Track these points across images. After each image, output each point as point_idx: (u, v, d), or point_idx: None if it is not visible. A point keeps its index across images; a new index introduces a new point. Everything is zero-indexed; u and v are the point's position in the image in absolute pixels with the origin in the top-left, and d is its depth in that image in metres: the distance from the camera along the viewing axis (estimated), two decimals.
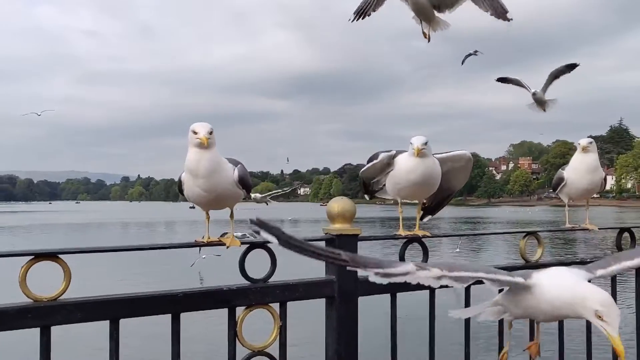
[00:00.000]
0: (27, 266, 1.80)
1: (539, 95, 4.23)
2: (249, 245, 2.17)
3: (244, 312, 2.13)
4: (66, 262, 1.88)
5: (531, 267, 2.77)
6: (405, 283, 2.43)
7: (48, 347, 1.82)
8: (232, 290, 2.09)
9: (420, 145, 2.48)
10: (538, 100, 4.25)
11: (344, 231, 2.28)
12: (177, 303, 1.99)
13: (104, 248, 2.06)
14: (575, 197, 3.13)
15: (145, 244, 2.14)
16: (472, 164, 2.79)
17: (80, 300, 1.85)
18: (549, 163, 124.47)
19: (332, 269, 2.28)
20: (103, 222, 62.04)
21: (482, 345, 4.41)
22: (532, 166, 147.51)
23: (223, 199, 2.23)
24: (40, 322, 1.79)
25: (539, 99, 4.24)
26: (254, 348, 2.14)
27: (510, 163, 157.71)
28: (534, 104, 4.29)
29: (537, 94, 4.22)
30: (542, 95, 4.23)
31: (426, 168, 2.53)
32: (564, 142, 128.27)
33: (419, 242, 2.55)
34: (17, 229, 49.99)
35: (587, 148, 2.99)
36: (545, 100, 4.25)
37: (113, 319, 1.90)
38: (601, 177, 3.05)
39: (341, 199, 2.38)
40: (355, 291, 2.30)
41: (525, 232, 2.83)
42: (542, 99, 4.24)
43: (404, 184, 2.58)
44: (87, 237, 41.71)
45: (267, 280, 2.17)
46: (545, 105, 4.28)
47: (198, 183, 2.14)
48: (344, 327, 2.27)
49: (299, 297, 2.22)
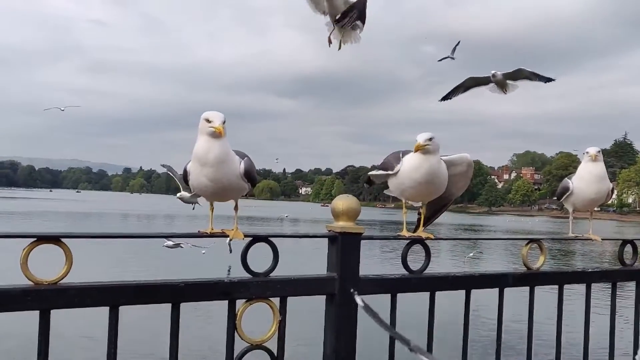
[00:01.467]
0: (29, 248, 1.79)
1: (498, 77, 4.17)
2: (251, 239, 2.16)
3: (244, 305, 2.13)
4: (68, 246, 1.88)
5: (532, 274, 2.77)
6: (406, 284, 2.44)
7: (47, 331, 1.81)
8: (233, 282, 2.08)
9: (423, 140, 2.40)
10: (498, 82, 4.18)
11: (347, 229, 2.27)
12: (178, 292, 1.98)
13: (106, 234, 2.06)
14: (581, 206, 3.09)
15: (148, 232, 2.14)
16: (472, 169, 2.72)
17: (81, 285, 1.84)
18: (551, 174, 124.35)
19: (334, 266, 2.28)
20: (104, 211, 62.10)
21: (480, 347, 4.41)
22: (535, 176, 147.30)
23: (228, 191, 2.22)
24: (40, 305, 1.78)
25: (499, 81, 4.17)
26: (253, 342, 2.13)
27: (512, 172, 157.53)
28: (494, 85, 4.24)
29: (497, 75, 4.16)
30: (502, 78, 4.16)
31: (431, 166, 2.45)
32: (567, 154, 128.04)
33: (422, 243, 2.54)
34: (18, 215, 50.04)
35: (595, 157, 2.96)
36: (505, 82, 4.18)
37: (113, 305, 1.89)
38: (608, 187, 3.01)
39: (347, 196, 2.36)
40: (355, 290, 2.29)
41: (529, 239, 2.81)
42: (502, 81, 4.17)
43: (408, 183, 2.50)
44: (88, 226, 41.75)
45: (268, 274, 2.16)
46: (506, 88, 4.21)
47: (205, 172, 2.13)
48: (343, 325, 2.26)
49: (300, 292, 2.21)
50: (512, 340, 2.27)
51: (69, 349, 10.17)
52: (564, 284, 2.87)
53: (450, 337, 2.87)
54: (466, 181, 2.74)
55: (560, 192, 3.13)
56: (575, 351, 3.06)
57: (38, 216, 48.76)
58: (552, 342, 2.86)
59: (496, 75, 4.18)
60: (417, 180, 2.48)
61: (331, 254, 2.30)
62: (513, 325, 3.50)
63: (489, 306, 2.83)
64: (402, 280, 2.44)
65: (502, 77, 4.16)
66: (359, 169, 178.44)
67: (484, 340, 7.95)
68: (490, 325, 2.24)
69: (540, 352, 2.33)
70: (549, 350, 2.93)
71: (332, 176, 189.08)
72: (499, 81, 4.19)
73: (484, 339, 8.43)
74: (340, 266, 2.25)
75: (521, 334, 2.74)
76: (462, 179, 2.72)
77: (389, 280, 2.42)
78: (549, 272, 2.89)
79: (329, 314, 2.30)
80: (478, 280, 2.65)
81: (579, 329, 2.96)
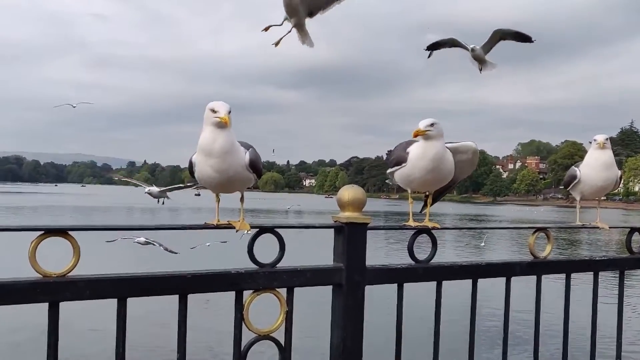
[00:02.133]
0: (36, 241, 1.80)
1: (478, 52, 4.00)
2: (258, 230, 2.16)
3: (251, 296, 2.13)
4: (75, 239, 1.88)
5: (540, 263, 2.76)
6: (412, 274, 2.44)
7: (56, 323, 1.82)
8: (240, 273, 2.08)
9: (423, 126, 2.37)
10: (477, 57, 4.04)
11: (353, 219, 2.27)
12: (185, 284, 1.99)
13: (113, 226, 2.06)
14: (589, 194, 3.06)
15: (155, 224, 2.14)
16: (477, 156, 2.70)
17: (88, 277, 1.85)
18: (556, 163, 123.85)
19: (341, 257, 2.28)
20: (109, 205, 62.38)
21: (487, 337, 4.42)
22: (540, 166, 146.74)
23: (233, 182, 2.22)
24: (49, 297, 1.79)
25: (477, 56, 4.02)
26: (260, 332, 2.14)
27: (517, 162, 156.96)
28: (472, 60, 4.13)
29: (476, 50, 4.00)
30: (482, 53, 4.01)
31: (436, 153, 2.43)
32: (573, 142, 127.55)
33: (428, 233, 2.53)
34: (24, 210, 50.32)
35: (603, 144, 2.93)
36: (484, 58, 4.04)
37: (121, 297, 1.90)
38: (616, 175, 2.98)
39: (352, 187, 2.36)
40: (362, 280, 2.29)
41: (536, 227, 2.80)
42: (481, 57, 4.03)
43: (416, 172, 2.49)
44: (94, 219, 41.95)
45: (275, 265, 2.16)
46: (484, 65, 4.07)
47: (210, 163, 2.13)
48: (350, 315, 2.27)
49: (307, 283, 2.21)
50: (519, 330, 2.27)
51: (78, 341, 10.26)
52: (571, 272, 2.86)
53: (457, 326, 2.87)
54: (471, 168, 2.73)
55: (567, 180, 3.10)
56: (582, 340, 3.06)
57: (44, 210, 49.01)
58: (558, 331, 2.86)
59: (475, 49, 4.01)
60: (424, 167, 2.46)
61: (337, 245, 2.30)
62: (520, 315, 3.50)
63: (496, 295, 2.82)
64: (408, 270, 2.44)
65: (481, 52, 4.01)
66: (363, 160, 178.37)
67: (491, 329, 7.97)
68: (497, 315, 2.23)
69: (547, 341, 2.32)
70: (555, 340, 2.92)
71: (336, 168, 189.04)
72: (477, 56, 4.03)
73: (491, 328, 8.45)
74: (347, 256, 2.25)
75: (528, 323, 2.74)
76: (468, 166, 2.70)
77: (396, 270, 2.42)
78: (556, 260, 2.88)
79: (336, 304, 2.30)
80: (485, 269, 2.65)
81: (585, 318, 2.95)
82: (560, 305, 2.82)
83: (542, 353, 2.77)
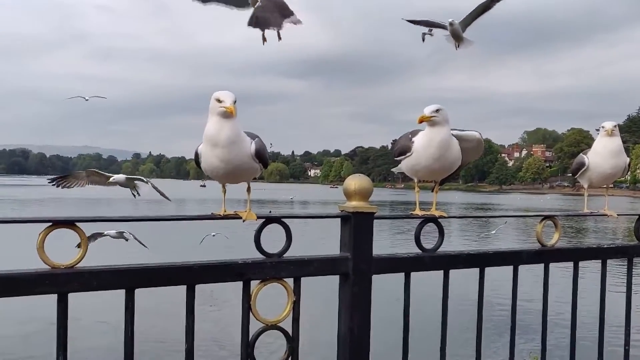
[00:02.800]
0: (44, 233, 1.80)
1: (456, 27, 3.86)
2: (264, 220, 2.15)
3: (258, 286, 2.13)
4: (83, 230, 1.89)
5: (547, 251, 2.75)
6: (419, 263, 2.43)
7: (65, 314, 1.82)
8: (247, 263, 2.08)
9: (428, 112, 2.34)
10: (454, 33, 3.89)
11: (360, 209, 2.26)
12: (193, 274, 1.99)
13: (120, 217, 2.06)
14: (597, 182, 3.04)
15: (162, 215, 2.14)
16: (482, 146, 2.67)
17: (96, 268, 1.85)
18: (562, 151, 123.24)
19: (348, 246, 2.27)
20: (114, 197, 62.61)
21: (494, 326, 4.42)
22: (546, 154, 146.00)
23: (239, 172, 2.21)
24: (57, 288, 1.80)
25: (455, 31, 3.88)
26: (267, 322, 2.15)
27: (523, 150, 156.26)
28: (449, 36, 4.01)
29: (455, 25, 3.86)
30: (459, 29, 3.87)
31: (442, 139, 2.40)
32: (579, 130, 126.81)
33: (435, 222, 2.52)
34: (31, 202, 50.64)
35: (611, 131, 2.90)
36: (462, 35, 3.90)
37: (129, 288, 1.91)
38: (625, 161, 2.96)
39: (359, 176, 2.34)
40: (369, 269, 2.29)
41: (543, 215, 2.78)
42: (458, 33, 3.89)
43: (421, 161, 2.47)
44: (100, 210, 42.17)
45: (282, 255, 2.16)
46: (461, 42, 3.93)
47: (216, 153, 2.12)
48: (358, 305, 2.27)
49: (314, 272, 2.21)
50: (526, 318, 2.26)
51: (87, 333, 10.36)
52: (579, 260, 2.84)
53: (465, 315, 2.87)
54: (476, 155, 2.70)
55: (575, 167, 3.08)
56: (590, 328, 3.05)
57: (50, 202, 49.28)
58: (566, 320, 2.85)
59: (453, 23, 3.86)
60: (431, 155, 2.44)
61: (344, 234, 2.30)
62: (527, 303, 3.49)
63: (504, 284, 2.81)
64: (415, 259, 2.43)
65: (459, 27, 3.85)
66: (368, 149, 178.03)
67: (498, 318, 7.98)
68: (504, 303, 2.22)
69: (555, 329, 2.32)
70: (563, 328, 2.92)
71: (341, 157, 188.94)
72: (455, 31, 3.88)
73: (498, 317, 8.46)
74: (354, 246, 2.25)
75: (536, 311, 2.73)
76: (473, 152, 2.68)
77: (403, 259, 2.41)
78: (563, 248, 2.86)
79: (343, 294, 2.30)
80: (492, 257, 2.64)
81: (593, 306, 2.94)
82: (568, 293, 2.81)
83: (550, 341, 2.77)
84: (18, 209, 41.76)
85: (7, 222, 1.86)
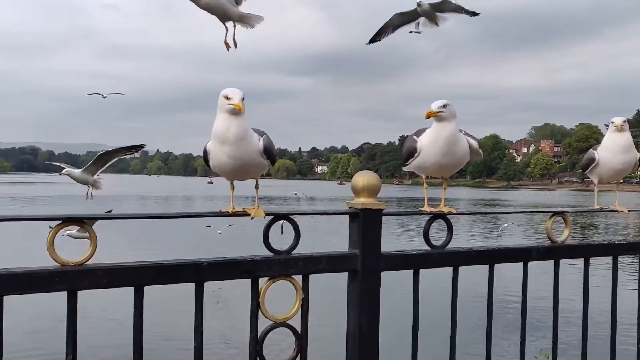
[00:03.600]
0: (55, 230, 1.81)
1: (425, 7, 3.79)
2: (273, 217, 2.15)
3: (267, 283, 2.13)
4: (92, 228, 1.89)
5: (557, 248, 2.72)
6: (428, 259, 2.42)
7: (74, 312, 1.83)
8: (255, 260, 2.08)
9: (436, 107, 2.33)
10: (426, 13, 3.84)
11: (368, 205, 2.25)
12: (201, 272, 1.99)
13: (129, 215, 2.06)
14: (607, 177, 3.01)
15: (170, 212, 2.14)
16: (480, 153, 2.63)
17: (106, 266, 1.86)
18: (571, 147, 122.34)
19: (356, 243, 2.26)
20: (122, 194, 62.99)
21: (504, 323, 4.39)
22: (554, 149, 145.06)
23: (248, 169, 2.21)
24: (67, 286, 1.80)
25: (426, 12, 3.82)
26: (276, 319, 2.14)
27: (531, 146, 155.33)
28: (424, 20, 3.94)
29: (422, 4, 3.80)
30: (429, 7, 3.79)
31: (449, 134, 2.39)
32: (587, 125, 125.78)
33: (444, 218, 2.51)
34: (40, 200, 51.04)
35: (621, 126, 2.87)
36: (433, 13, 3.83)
37: (138, 285, 1.91)
38: (636, 157, 2.93)
39: (367, 172, 2.33)
40: (378, 266, 2.28)
41: (553, 211, 2.75)
42: (430, 12, 3.82)
43: (430, 158, 2.46)
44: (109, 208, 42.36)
45: (290, 252, 2.16)
46: (436, 19, 3.87)
47: (225, 150, 2.12)
48: (366, 302, 2.26)
49: (322, 270, 2.20)
50: (537, 316, 2.24)
51: (96, 330, 10.44)
52: (589, 257, 2.82)
53: (474, 312, 2.85)
54: (476, 157, 2.67)
55: (585, 163, 3.06)
56: (601, 326, 3.03)
57: (60, 200, 49.65)
58: (577, 317, 2.83)
59: (422, 4, 3.82)
60: (439, 151, 2.43)
61: (352, 231, 2.29)
62: (538, 300, 3.46)
63: (514, 281, 2.80)
64: (424, 256, 2.42)
65: (428, 6, 3.80)
66: (375, 146, 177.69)
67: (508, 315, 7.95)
68: (514, 301, 2.21)
69: (566, 327, 2.30)
70: (574, 326, 2.89)
71: (348, 154, 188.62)
72: (426, 12, 3.80)
73: (508, 314, 8.42)
74: (362, 243, 2.24)
75: (546, 309, 2.71)
76: (473, 154, 2.66)
77: (412, 256, 2.40)
78: (574, 245, 2.83)
79: (351, 291, 2.29)
80: (501, 254, 2.62)
81: (604, 303, 2.91)
82: (579, 290, 2.79)
83: (561, 339, 2.75)
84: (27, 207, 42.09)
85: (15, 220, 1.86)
